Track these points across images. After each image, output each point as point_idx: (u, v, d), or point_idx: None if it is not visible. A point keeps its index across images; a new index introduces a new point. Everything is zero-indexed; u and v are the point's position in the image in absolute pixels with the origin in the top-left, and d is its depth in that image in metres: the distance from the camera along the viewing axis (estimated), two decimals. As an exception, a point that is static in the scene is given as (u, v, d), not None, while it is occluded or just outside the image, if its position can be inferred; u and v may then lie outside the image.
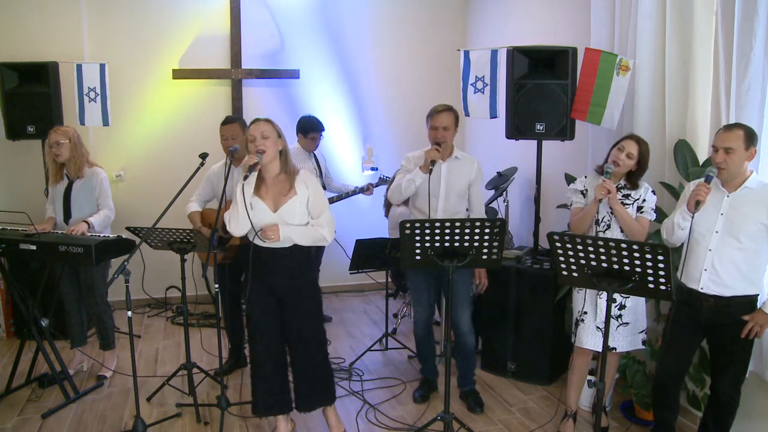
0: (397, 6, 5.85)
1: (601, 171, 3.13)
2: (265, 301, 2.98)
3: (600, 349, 3.07)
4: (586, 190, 3.19)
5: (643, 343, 3.18)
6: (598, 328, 3.09)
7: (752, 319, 2.69)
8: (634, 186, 3.09)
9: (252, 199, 2.87)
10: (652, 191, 3.10)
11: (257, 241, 2.89)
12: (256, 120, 2.92)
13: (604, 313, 2.97)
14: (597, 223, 3.09)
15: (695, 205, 2.68)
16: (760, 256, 2.72)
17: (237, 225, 2.86)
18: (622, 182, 3.11)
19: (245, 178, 2.81)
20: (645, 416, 3.42)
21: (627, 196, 3.09)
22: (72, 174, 3.81)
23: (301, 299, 2.99)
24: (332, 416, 3.25)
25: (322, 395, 3.16)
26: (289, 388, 3.17)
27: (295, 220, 2.91)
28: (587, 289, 3.11)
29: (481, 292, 3.76)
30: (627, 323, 3.10)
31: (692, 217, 2.74)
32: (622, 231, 3.07)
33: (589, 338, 3.13)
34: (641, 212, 3.08)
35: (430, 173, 3.32)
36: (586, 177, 3.25)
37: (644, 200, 3.07)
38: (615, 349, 3.10)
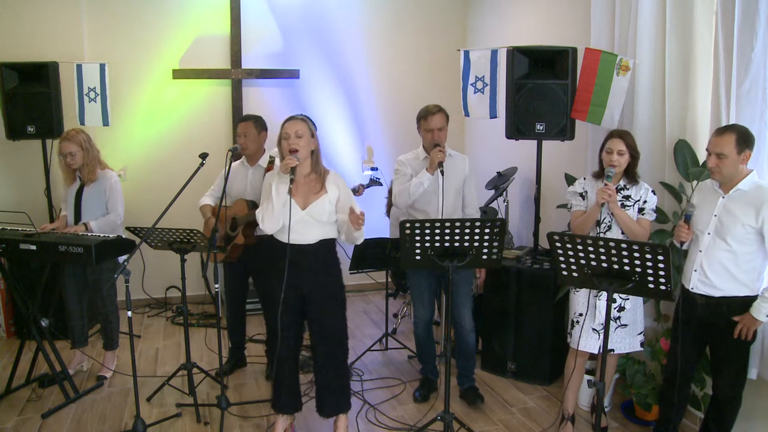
0: (397, 6, 5.85)
1: (598, 176, 3.13)
2: (287, 299, 2.94)
3: (595, 351, 3.09)
4: (586, 192, 3.18)
5: (642, 344, 3.17)
6: (594, 330, 3.08)
7: (741, 320, 2.69)
8: (633, 180, 3.07)
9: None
10: (652, 191, 3.09)
11: (289, 240, 2.88)
12: (292, 118, 2.90)
13: (603, 315, 3.00)
14: (598, 224, 3.09)
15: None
16: (752, 259, 2.69)
17: (271, 222, 2.87)
18: (622, 182, 3.09)
19: (291, 181, 2.79)
20: (645, 416, 3.42)
21: (627, 197, 3.08)
22: (85, 178, 3.80)
23: (325, 296, 2.98)
24: (342, 424, 3.17)
25: (341, 400, 3.11)
26: (300, 387, 3.18)
27: (323, 218, 2.91)
28: (584, 291, 3.11)
29: (479, 284, 3.75)
30: (625, 325, 3.10)
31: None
32: (622, 232, 3.06)
33: (584, 340, 3.11)
34: (642, 214, 3.07)
35: (441, 174, 3.33)
36: (585, 179, 3.24)
37: (645, 201, 3.06)
38: (613, 350, 3.09)
